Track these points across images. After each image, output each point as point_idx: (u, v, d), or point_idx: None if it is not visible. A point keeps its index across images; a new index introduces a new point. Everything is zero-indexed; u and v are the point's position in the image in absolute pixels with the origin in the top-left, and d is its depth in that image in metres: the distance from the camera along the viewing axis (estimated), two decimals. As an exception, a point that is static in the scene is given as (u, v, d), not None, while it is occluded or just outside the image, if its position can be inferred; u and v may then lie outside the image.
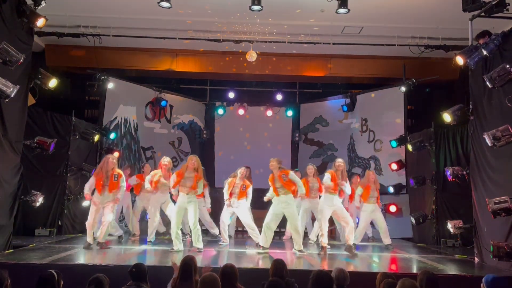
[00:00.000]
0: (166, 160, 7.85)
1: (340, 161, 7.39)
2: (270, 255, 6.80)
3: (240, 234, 9.81)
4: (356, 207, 8.56)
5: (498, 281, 3.72)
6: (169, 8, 7.84)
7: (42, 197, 7.23)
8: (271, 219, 7.04)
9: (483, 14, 6.46)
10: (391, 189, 10.17)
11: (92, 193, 7.17)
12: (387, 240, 8.23)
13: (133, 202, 9.00)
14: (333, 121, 11.95)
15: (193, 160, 7.08)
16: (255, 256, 6.79)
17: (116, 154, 9.95)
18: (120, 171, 7.39)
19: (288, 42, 9.63)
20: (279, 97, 12.13)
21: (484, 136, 5.92)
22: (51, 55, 10.22)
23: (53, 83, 7.11)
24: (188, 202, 6.96)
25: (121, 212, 9.14)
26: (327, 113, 12.08)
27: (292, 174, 7.11)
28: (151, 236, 7.74)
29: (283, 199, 6.98)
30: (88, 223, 7.10)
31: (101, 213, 7.23)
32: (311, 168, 8.19)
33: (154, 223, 7.82)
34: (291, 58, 10.72)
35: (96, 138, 9.34)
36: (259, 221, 7.90)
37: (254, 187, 8.27)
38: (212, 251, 7.22)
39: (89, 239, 7.00)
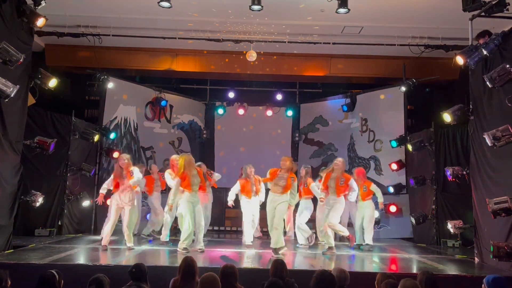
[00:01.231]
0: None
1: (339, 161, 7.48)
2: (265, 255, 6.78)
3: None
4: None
5: (499, 281, 3.73)
6: (169, 8, 7.84)
7: (42, 197, 7.23)
8: None
9: (483, 14, 6.45)
10: (391, 189, 10.17)
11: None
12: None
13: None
14: (333, 121, 11.95)
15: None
16: (255, 256, 6.79)
17: (116, 154, 9.98)
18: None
19: (288, 42, 9.63)
20: (279, 97, 12.13)
21: (484, 136, 5.92)
22: (51, 55, 10.22)
23: (53, 83, 7.11)
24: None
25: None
26: (327, 113, 12.07)
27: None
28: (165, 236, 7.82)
29: None
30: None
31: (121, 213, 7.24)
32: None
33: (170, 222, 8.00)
34: (291, 58, 10.72)
35: (96, 138, 9.34)
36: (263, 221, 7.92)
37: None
38: (212, 251, 7.21)
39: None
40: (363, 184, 8.09)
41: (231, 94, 12.14)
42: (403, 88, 9.93)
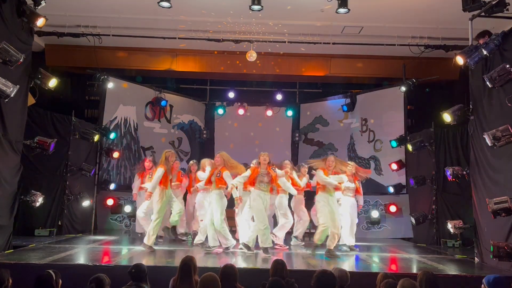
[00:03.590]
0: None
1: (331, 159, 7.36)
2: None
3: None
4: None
5: (499, 281, 3.73)
6: (169, 8, 7.84)
7: (42, 197, 7.22)
8: None
9: (483, 14, 6.46)
10: (391, 189, 10.18)
11: None
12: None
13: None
14: (333, 121, 11.95)
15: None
16: (255, 256, 6.79)
17: (116, 154, 9.98)
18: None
19: (288, 42, 9.63)
20: (279, 97, 12.14)
21: (484, 136, 5.92)
22: (51, 55, 10.21)
23: (53, 83, 7.11)
24: None
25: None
26: (327, 113, 12.07)
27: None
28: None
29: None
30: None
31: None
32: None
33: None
34: (291, 58, 10.72)
35: (96, 138, 9.34)
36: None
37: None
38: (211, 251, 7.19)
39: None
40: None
41: (231, 94, 12.14)
42: (403, 88, 9.93)
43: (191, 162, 9.03)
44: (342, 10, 7.51)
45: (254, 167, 7.11)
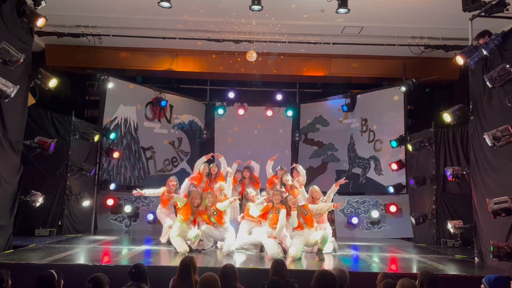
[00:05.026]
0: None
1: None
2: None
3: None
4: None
5: (498, 281, 3.73)
6: (169, 8, 7.84)
7: (42, 197, 7.22)
8: None
9: (483, 14, 6.47)
10: (391, 189, 10.18)
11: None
12: None
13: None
14: (333, 121, 11.94)
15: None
16: (255, 256, 6.79)
17: (116, 154, 9.97)
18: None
19: (288, 42, 9.63)
20: (279, 97, 12.13)
21: (484, 136, 5.92)
22: (51, 55, 10.22)
23: (53, 83, 7.11)
24: None
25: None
26: (327, 113, 12.06)
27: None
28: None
29: None
30: None
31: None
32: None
33: None
34: (291, 58, 10.72)
35: (96, 138, 9.34)
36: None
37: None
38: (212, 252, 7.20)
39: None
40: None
41: (231, 94, 12.13)
42: (403, 88, 9.93)
43: (211, 165, 8.57)
44: (342, 10, 7.50)
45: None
